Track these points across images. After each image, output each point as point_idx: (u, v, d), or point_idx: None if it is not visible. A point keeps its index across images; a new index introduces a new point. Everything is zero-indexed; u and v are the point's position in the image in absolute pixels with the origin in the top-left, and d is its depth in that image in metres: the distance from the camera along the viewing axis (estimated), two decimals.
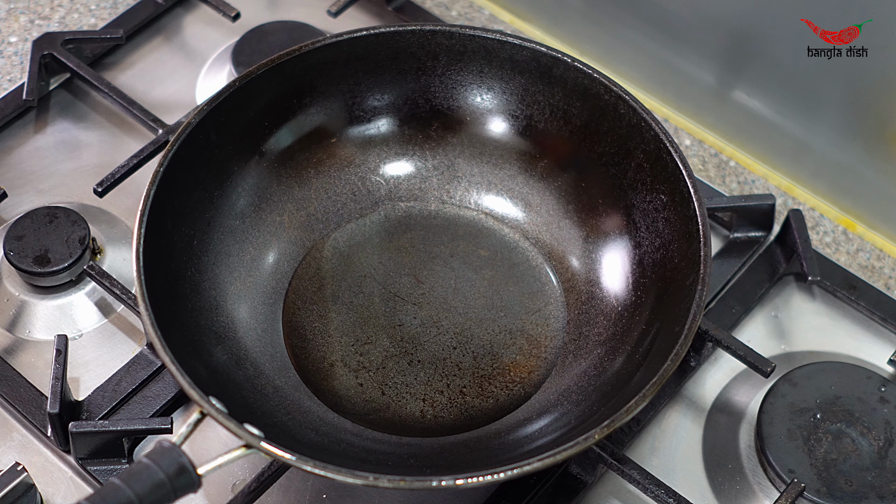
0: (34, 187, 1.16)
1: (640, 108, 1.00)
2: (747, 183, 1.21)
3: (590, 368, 1.00)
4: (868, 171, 1.15)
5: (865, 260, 1.16)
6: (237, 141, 1.04)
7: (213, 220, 1.02)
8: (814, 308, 1.11)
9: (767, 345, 1.08)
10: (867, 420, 1.00)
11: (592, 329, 1.02)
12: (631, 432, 1.01)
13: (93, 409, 1.00)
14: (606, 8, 1.24)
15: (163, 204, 0.95)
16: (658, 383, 0.86)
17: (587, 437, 0.84)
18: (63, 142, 1.20)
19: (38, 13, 1.29)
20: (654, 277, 1.00)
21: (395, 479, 0.82)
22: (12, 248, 1.06)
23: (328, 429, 0.96)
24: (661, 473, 0.97)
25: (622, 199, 1.04)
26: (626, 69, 1.25)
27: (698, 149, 1.23)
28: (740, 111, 1.21)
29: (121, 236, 1.12)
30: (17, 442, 1.00)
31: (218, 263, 1.02)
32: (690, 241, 0.95)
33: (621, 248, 1.04)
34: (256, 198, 1.05)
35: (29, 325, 1.07)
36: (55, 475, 0.99)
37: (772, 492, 0.99)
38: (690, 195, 0.96)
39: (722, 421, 1.04)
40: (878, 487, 0.96)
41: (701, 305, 0.90)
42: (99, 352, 1.06)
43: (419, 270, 1.08)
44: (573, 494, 0.98)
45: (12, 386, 1.01)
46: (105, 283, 1.04)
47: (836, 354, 1.07)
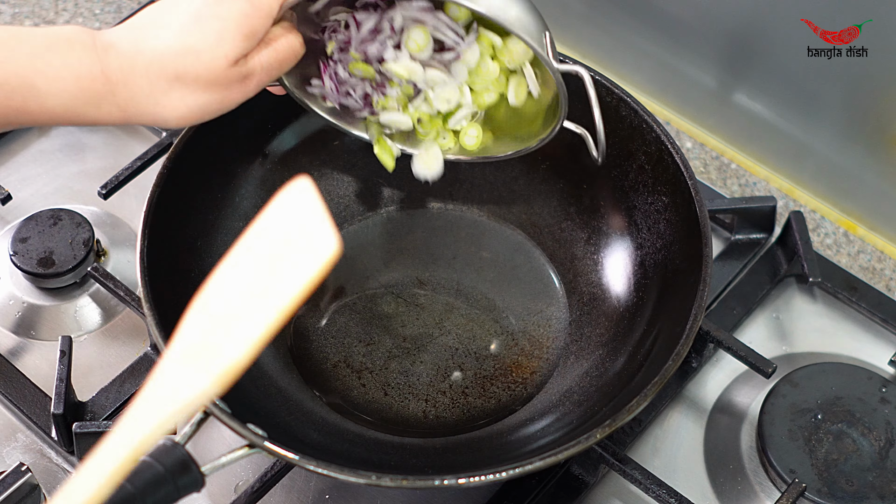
0: (38, 190, 1.17)
1: (641, 111, 1.01)
2: (748, 185, 1.21)
3: (591, 369, 1.00)
4: (869, 173, 1.16)
5: (866, 261, 1.16)
6: (241, 143, 1.04)
7: (217, 222, 1.03)
8: (815, 309, 1.12)
9: (768, 346, 1.08)
10: (868, 420, 1.00)
11: (594, 330, 1.03)
12: (633, 433, 1.02)
13: (97, 410, 1.01)
14: (608, 11, 1.25)
15: (167, 206, 0.96)
16: (659, 383, 0.86)
17: (588, 437, 0.84)
18: (67, 145, 1.20)
19: (43, 17, 1.30)
20: (655, 279, 1.00)
21: (397, 478, 0.83)
22: (17, 250, 1.07)
23: (331, 429, 0.97)
24: (663, 474, 0.97)
25: (624, 201, 1.04)
26: (628, 72, 1.25)
27: (700, 151, 1.24)
28: (741, 114, 1.21)
29: (125, 238, 1.13)
30: (21, 443, 1.01)
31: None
32: (692, 243, 0.96)
33: (623, 250, 1.04)
34: (260, 199, 1.06)
35: (33, 326, 1.07)
36: (59, 476, 0.99)
37: (773, 492, 0.99)
38: (692, 197, 0.96)
39: (723, 421, 1.04)
40: (879, 487, 0.97)
41: (702, 306, 0.91)
42: (103, 353, 1.06)
43: (422, 272, 1.09)
44: (575, 494, 0.98)
45: (17, 387, 1.02)
46: (109, 285, 1.05)
47: (837, 355, 1.08)
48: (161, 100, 0.82)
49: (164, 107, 0.82)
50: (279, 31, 0.86)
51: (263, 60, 0.84)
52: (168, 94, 0.82)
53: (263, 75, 0.85)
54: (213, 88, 0.82)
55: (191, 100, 0.82)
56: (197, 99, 0.82)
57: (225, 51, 0.81)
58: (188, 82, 0.82)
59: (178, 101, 0.82)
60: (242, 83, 0.84)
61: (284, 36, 0.86)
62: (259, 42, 0.84)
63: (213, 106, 0.84)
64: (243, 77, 0.83)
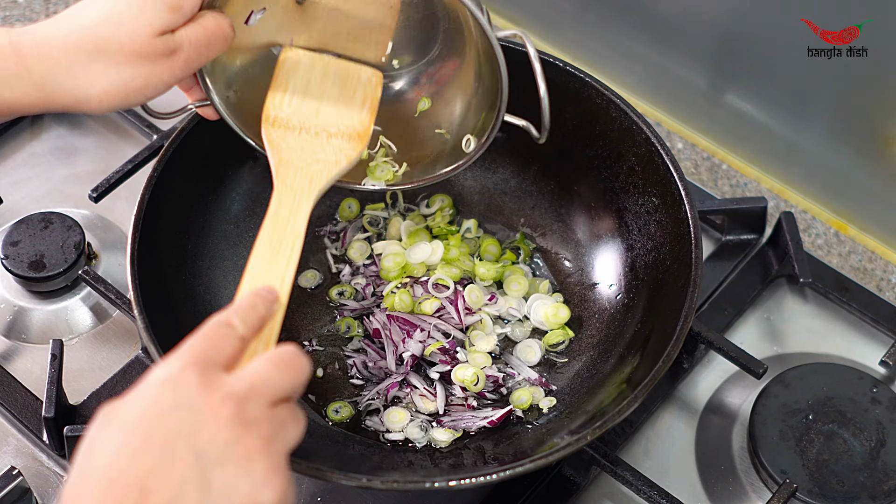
0: (29, 193, 1.17)
1: (631, 112, 1.01)
2: (739, 186, 1.21)
3: (582, 370, 1.00)
4: (860, 173, 1.16)
5: (857, 262, 1.16)
6: (231, 146, 1.04)
7: (208, 225, 1.03)
8: (806, 310, 1.12)
9: (760, 346, 1.08)
10: (859, 421, 1.00)
11: (585, 331, 1.03)
12: (624, 434, 1.02)
13: (88, 413, 1.00)
14: (599, 12, 1.25)
15: (157, 209, 0.95)
16: (650, 384, 0.86)
17: (579, 438, 0.84)
18: (58, 148, 1.20)
19: (33, 20, 1.30)
20: (646, 280, 1.00)
21: (388, 480, 0.83)
22: (8, 253, 1.07)
23: (323, 431, 0.97)
24: (655, 475, 0.97)
25: (614, 202, 1.04)
26: (619, 73, 1.25)
27: (690, 152, 1.24)
28: (732, 114, 1.21)
29: (115, 241, 1.12)
30: (12, 446, 1.01)
31: (212, 268, 1.02)
32: (682, 244, 0.96)
33: (614, 251, 1.04)
34: (250, 202, 1.06)
35: (24, 329, 1.07)
36: (51, 479, 0.99)
37: (764, 492, 0.99)
38: (682, 198, 0.96)
39: (714, 422, 1.04)
40: (870, 488, 0.97)
41: (693, 307, 0.91)
42: (94, 356, 1.06)
43: None
44: (567, 496, 0.98)
45: (8, 390, 1.02)
46: (100, 288, 1.05)
47: (828, 356, 1.08)
48: (81, 74, 0.79)
49: (85, 81, 0.79)
50: (209, 13, 0.83)
51: (191, 35, 0.81)
52: (88, 68, 0.79)
53: (192, 52, 0.81)
54: (137, 61, 0.79)
55: (113, 73, 0.79)
56: (120, 72, 0.79)
57: (149, 19, 0.78)
58: (111, 53, 0.78)
59: (100, 75, 0.79)
60: (169, 58, 0.80)
61: (214, 17, 0.83)
62: (187, 20, 0.81)
63: (137, 81, 0.80)
64: (170, 51, 0.80)
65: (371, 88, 0.91)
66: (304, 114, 0.86)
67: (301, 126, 0.85)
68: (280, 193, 0.84)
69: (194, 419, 0.64)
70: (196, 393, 0.66)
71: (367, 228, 1.09)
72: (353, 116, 0.88)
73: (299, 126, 0.85)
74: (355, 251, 1.07)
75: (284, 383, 0.69)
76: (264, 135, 0.87)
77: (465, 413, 0.97)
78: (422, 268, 1.04)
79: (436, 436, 0.96)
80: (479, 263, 1.05)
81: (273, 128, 0.85)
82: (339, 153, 0.86)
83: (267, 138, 0.86)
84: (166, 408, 0.65)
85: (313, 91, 0.88)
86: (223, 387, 0.67)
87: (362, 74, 0.91)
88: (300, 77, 0.88)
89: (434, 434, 0.96)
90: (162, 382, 0.66)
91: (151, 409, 0.65)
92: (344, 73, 0.90)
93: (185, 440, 0.64)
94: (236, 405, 0.66)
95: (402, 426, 0.97)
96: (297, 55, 0.91)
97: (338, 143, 0.85)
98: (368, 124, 0.89)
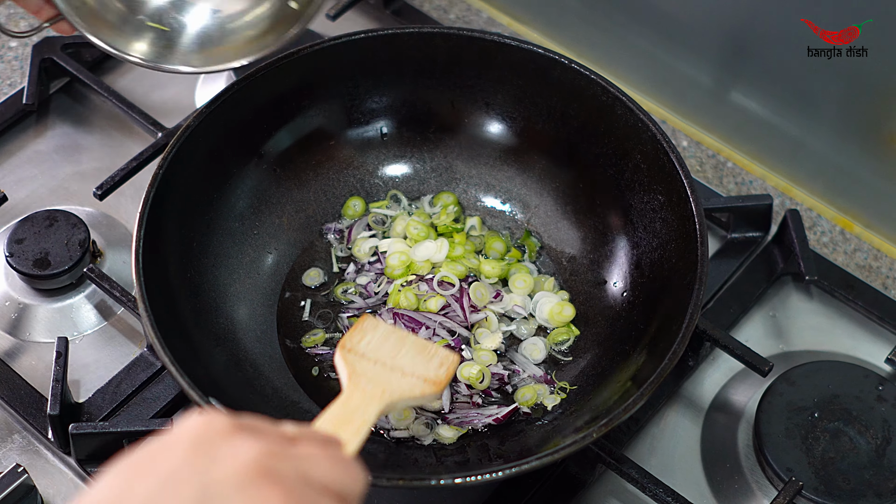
0: (34, 191, 1.17)
1: (637, 109, 1.01)
2: (745, 183, 1.21)
3: (588, 367, 1.00)
4: (865, 171, 1.16)
5: (863, 259, 1.16)
6: (236, 143, 1.04)
7: (213, 222, 1.03)
8: (811, 307, 1.12)
9: (765, 344, 1.08)
10: (865, 418, 1.00)
11: (590, 329, 1.03)
12: (630, 432, 1.02)
13: (93, 410, 1.01)
14: (604, 10, 1.24)
15: (162, 206, 0.95)
16: (656, 382, 0.86)
17: (585, 436, 0.84)
18: (63, 145, 1.20)
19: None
20: (651, 277, 1.00)
21: (393, 478, 0.83)
22: (13, 251, 1.07)
23: None
24: (660, 472, 0.97)
25: (620, 200, 1.04)
26: (624, 71, 1.25)
27: (696, 150, 1.24)
28: (738, 112, 1.21)
29: (120, 239, 1.12)
30: (17, 444, 1.01)
31: (217, 265, 1.02)
32: (687, 241, 0.96)
33: (619, 249, 1.04)
34: (255, 200, 1.06)
35: (29, 327, 1.07)
36: (56, 477, 0.99)
37: (770, 490, 0.99)
38: (687, 195, 0.96)
39: (720, 420, 1.04)
40: (876, 485, 0.97)
41: (698, 305, 0.91)
42: (99, 354, 1.06)
43: None
44: (572, 494, 0.98)
45: (13, 388, 1.02)
46: (105, 286, 1.05)
47: (834, 353, 1.08)
48: None
49: None
50: None
51: None
52: None
53: None
54: None
55: None
56: None
57: None
58: None
59: None
60: None
61: None
62: None
63: None
64: None
65: (449, 361, 0.88)
66: (382, 355, 0.86)
67: (377, 360, 0.85)
68: (350, 391, 0.82)
69: (210, 454, 0.60)
70: (220, 433, 0.61)
71: (372, 227, 1.09)
72: (430, 371, 0.87)
73: (374, 359, 0.85)
74: (360, 249, 1.07)
75: (328, 469, 0.63)
76: (337, 357, 0.85)
77: (470, 410, 0.97)
78: (427, 265, 1.04)
79: (441, 433, 0.96)
80: (484, 261, 1.05)
81: (348, 353, 0.85)
82: (414, 387, 0.85)
83: (341, 358, 0.85)
84: (184, 440, 0.61)
85: (391, 343, 0.87)
86: (255, 431, 0.62)
87: (441, 351, 0.89)
88: (379, 332, 0.87)
89: (439, 431, 0.96)
90: (195, 422, 0.63)
91: (169, 440, 0.62)
92: (422, 345, 0.89)
93: (195, 471, 0.59)
94: (264, 451, 0.61)
95: (407, 423, 0.97)
96: (376, 320, 0.90)
97: (412, 380, 0.84)
98: (444, 381, 0.87)
